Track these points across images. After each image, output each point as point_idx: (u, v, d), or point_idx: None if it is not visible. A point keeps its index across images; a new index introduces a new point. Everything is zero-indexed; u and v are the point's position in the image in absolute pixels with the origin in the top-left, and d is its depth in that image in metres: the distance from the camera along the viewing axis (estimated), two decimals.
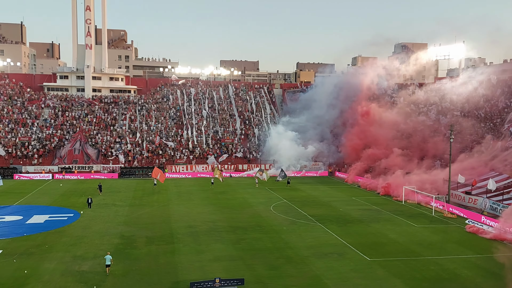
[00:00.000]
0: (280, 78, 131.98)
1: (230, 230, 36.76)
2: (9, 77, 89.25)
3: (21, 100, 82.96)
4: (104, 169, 70.04)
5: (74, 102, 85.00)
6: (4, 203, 47.15)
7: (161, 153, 74.77)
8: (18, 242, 32.63)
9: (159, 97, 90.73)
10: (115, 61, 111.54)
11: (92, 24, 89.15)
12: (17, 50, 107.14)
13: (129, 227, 37.44)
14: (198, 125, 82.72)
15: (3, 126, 75.61)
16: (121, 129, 79.51)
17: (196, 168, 72.04)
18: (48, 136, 74.90)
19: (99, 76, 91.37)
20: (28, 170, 67.54)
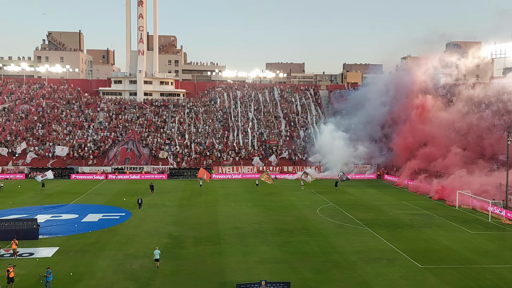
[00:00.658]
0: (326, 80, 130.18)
1: (275, 232, 36.27)
2: (68, 82, 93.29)
3: (78, 104, 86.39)
4: (154, 170, 71.52)
5: (127, 105, 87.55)
6: (61, 202, 49.03)
7: (208, 154, 75.47)
8: (74, 239, 33.66)
9: (206, 100, 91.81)
10: (165, 66, 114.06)
11: (144, 31, 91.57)
12: (75, 57, 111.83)
13: (178, 227, 37.79)
14: (244, 127, 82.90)
15: (61, 128, 79.01)
16: (170, 131, 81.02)
17: (242, 169, 72.12)
18: (102, 138, 77.49)
19: (150, 81, 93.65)
20: (84, 171, 70.07)
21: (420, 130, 67.23)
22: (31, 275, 25.92)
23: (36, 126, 78.99)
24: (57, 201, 49.01)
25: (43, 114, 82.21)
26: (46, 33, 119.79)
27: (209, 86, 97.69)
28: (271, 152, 76.97)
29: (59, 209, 44.93)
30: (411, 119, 70.68)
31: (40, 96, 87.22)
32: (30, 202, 48.44)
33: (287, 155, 76.31)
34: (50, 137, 76.17)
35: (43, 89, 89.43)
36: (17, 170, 68.69)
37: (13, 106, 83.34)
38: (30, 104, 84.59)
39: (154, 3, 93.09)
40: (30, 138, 75.83)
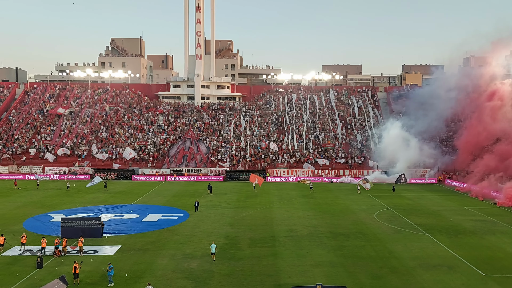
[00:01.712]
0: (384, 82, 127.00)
1: (331, 236, 36.04)
2: (129, 87, 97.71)
3: (139, 108, 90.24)
4: (211, 172, 73.19)
5: (185, 109, 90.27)
6: (123, 202, 51.49)
7: (263, 157, 76.13)
8: (136, 238, 35.30)
9: (262, 104, 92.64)
10: (222, 70, 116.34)
11: (201, 36, 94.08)
12: (136, 63, 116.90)
13: (234, 228, 38.54)
14: (299, 130, 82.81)
15: (123, 131, 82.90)
16: (226, 134, 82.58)
17: (296, 172, 72.09)
18: (161, 141, 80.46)
19: (207, 85, 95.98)
20: (144, 172, 73.06)
21: (489, 124, 61.53)
22: (96, 271, 27.51)
23: (100, 129, 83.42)
24: (120, 201, 51.53)
25: (107, 118, 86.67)
26: (109, 40, 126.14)
27: (264, 90, 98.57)
28: (327, 156, 76.33)
29: (121, 209, 47.21)
30: (482, 108, 65.25)
31: (103, 100, 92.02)
32: (95, 202, 51.27)
33: (343, 159, 75.34)
34: (113, 140, 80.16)
35: (106, 93, 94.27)
36: (82, 171, 72.91)
37: (79, 110, 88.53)
38: (95, 108, 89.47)
39: (212, 8, 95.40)
40: (94, 140, 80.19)
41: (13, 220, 40.88)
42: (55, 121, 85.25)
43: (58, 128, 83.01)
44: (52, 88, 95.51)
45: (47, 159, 74.78)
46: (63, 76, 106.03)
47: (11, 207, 47.11)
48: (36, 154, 76.60)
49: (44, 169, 72.63)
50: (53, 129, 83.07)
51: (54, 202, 50.69)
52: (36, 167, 73.46)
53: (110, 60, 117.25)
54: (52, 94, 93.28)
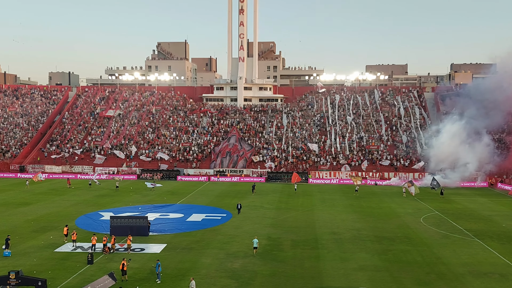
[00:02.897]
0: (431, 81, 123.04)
1: (375, 240, 35.32)
2: (175, 89, 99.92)
3: (184, 110, 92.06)
4: (253, 173, 73.57)
5: (228, 111, 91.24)
6: (169, 202, 52.70)
7: (305, 158, 75.69)
8: (180, 237, 36.03)
9: (304, 105, 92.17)
10: (264, 71, 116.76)
11: (244, 39, 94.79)
12: (181, 66, 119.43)
13: (276, 229, 38.54)
14: (342, 132, 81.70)
15: (169, 133, 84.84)
16: (268, 135, 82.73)
17: (339, 174, 71.18)
18: (205, 142, 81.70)
19: (249, 87, 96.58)
20: (189, 173, 74.43)
21: None
22: (143, 268, 28.31)
23: (147, 130, 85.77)
24: (165, 201, 52.77)
25: (153, 120, 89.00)
26: (156, 44, 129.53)
27: (306, 91, 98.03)
28: (371, 158, 74.90)
29: (167, 208, 48.33)
30: None
31: (150, 102, 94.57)
32: (142, 201, 52.75)
33: (388, 161, 73.68)
34: (159, 141, 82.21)
35: (153, 96, 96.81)
36: (130, 171, 75.20)
37: (127, 112, 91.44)
38: (142, 110, 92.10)
39: (255, 10, 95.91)
40: (141, 142, 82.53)
41: (67, 218, 42.76)
42: (105, 122, 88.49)
43: (108, 130, 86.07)
44: (102, 91, 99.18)
45: (97, 159, 77.68)
46: (112, 80, 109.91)
47: (65, 205, 49.31)
48: (87, 155, 79.79)
49: (94, 169, 75.47)
50: (103, 130, 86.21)
51: (104, 201, 52.59)
52: (87, 167, 76.50)
53: (156, 64, 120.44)
54: (102, 97, 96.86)
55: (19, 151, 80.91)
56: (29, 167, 76.54)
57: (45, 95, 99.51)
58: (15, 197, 54.22)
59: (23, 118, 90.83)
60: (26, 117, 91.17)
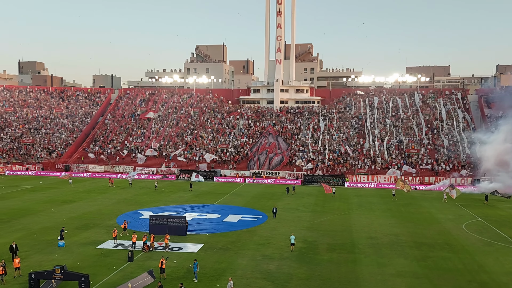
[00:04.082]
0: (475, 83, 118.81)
1: (414, 245, 34.47)
2: (212, 92, 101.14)
3: (221, 112, 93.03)
4: (289, 175, 73.40)
5: (264, 113, 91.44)
6: (206, 202, 53.38)
7: (342, 162, 74.81)
8: (217, 237, 36.43)
9: (341, 107, 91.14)
10: (301, 73, 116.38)
11: (282, 41, 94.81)
12: (219, 68, 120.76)
13: (312, 232, 38.31)
14: (381, 135, 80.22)
15: (207, 134, 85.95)
16: (304, 138, 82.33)
17: (377, 178, 69.92)
18: (242, 144, 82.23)
19: (286, 89, 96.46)
20: (226, 174, 75.13)
21: None
22: (181, 267, 28.81)
23: (185, 132, 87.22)
24: (203, 201, 53.52)
25: (191, 122, 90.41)
26: (194, 47, 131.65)
27: (344, 93, 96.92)
28: (411, 162, 73.14)
29: (204, 208, 48.98)
30: None
31: (188, 105, 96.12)
32: (180, 201, 53.70)
33: (429, 165, 71.71)
34: (197, 143, 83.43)
35: (191, 98, 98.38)
36: (169, 171, 76.67)
37: (166, 114, 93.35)
38: (180, 112, 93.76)
39: (292, 12, 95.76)
40: (180, 143, 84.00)
41: (108, 216, 44.11)
42: (145, 124, 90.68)
43: (148, 131, 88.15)
44: (143, 93, 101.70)
45: (138, 159, 79.71)
46: (152, 82, 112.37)
47: (107, 203, 50.88)
48: (128, 155, 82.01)
49: (135, 169, 77.45)
50: (143, 131, 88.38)
51: (144, 200, 53.91)
52: (128, 167, 78.59)
53: (195, 66, 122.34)
54: (143, 99, 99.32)
55: (65, 151, 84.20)
56: (74, 166, 79.48)
57: (89, 97, 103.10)
58: (60, 195, 56.44)
59: (69, 119, 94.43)
60: (71, 118, 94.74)
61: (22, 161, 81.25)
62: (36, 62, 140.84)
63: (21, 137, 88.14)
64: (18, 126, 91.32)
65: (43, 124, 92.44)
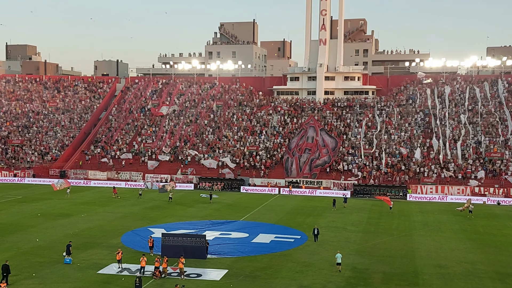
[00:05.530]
0: None
1: (496, 277, 33.82)
2: (240, 81, 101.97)
3: (250, 106, 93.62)
4: (335, 186, 73.11)
5: (304, 106, 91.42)
6: (231, 217, 53.82)
7: (403, 169, 73.94)
8: (244, 262, 36.75)
9: (403, 99, 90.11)
10: (351, 57, 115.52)
11: (327, 16, 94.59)
12: (248, 51, 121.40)
13: (363, 258, 38.11)
14: (453, 134, 78.82)
15: (232, 134, 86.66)
16: (355, 138, 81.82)
17: (449, 190, 68.77)
18: (275, 146, 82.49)
19: (332, 76, 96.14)
20: (255, 183, 75.57)
21: None
22: None
23: (206, 131, 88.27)
24: (226, 217, 54.02)
25: (213, 118, 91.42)
26: (218, 26, 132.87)
27: (406, 81, 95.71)
28: (493, 169, 71.44)
29: (228, 225, 49.43)
30: None
31: (210, 97, 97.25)
32: (198, 216, 54.40)
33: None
34: (221, 144, 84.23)
35: (213, 89, 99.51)
36: (186, 179, 77.77)
37: (183, 108, 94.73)
38: (201, 106, 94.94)
39: None
40: (199, 144, 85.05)
41: (112, 233, 45.17)
42: (157, 121, 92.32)
43: (161, 130, 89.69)
44: (155, 83, 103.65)
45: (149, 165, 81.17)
46: (166, 69, 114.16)
47: (110, 218, 52.12)
48: (136, 159, 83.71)
49: (144, 176, 78.99)
50: (155, 130, 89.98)
51: (155, 214, 54.90)
52: (136, 173, 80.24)
53: (218, 49, 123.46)
54: (155, 90, 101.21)
55: (60, 154, 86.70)
56: (71, 173, 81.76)
57: (89, 87, 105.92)
58: (54, 207, 58.22)
59: (65, 114, 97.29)
60: (68, 113, 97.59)
61: (9, 166, 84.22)
62: (27, 46, 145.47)
63: (8, 136, 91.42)
64: (4, 123, 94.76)
65: (34, 121, 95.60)
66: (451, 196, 67.74)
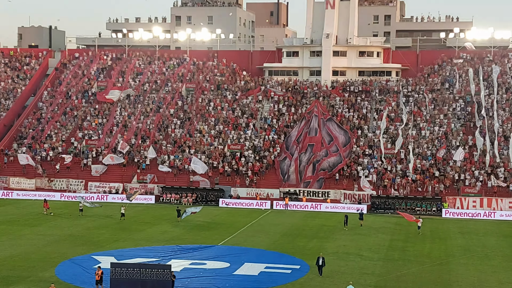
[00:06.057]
0: None
1: None
2: (218, 56, 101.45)
3: (233, 90, 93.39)
4: (346, 198, 73.17)
5: (306, 91, 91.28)
6: (206, 241, 53.50)
7: (438, 175, 74.20)
8: None
9: (437, 82, 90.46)
10: (369, 25, 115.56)
11: None
12: (230, 16, 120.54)
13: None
14: (504, 129, 79.35)
15: (208, 127, 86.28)
16: (373, 134, 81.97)
17: (498, 203, 69.18)
18: (266, 144, 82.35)
19: (343, 51, 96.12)
20: (239, 194, 75.42)
21: None
22: None
23: (172, 123, 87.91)
24: (200, 240, 53.67)
25: (182, 106, 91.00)
26: None
27: (442, 57, 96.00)
28: None
29: (202, 252, 49.05)
30: None
31: (178, 77, 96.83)
32: (162, 240, 53.97)
33: None
34: (192, 141, 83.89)
35: (182, 66, 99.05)
36: (144, 189, 77.27)
37: (140, 92, 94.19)
38: (165, 90, 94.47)
39: None
40: (163, 142, 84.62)
41: (42, 263, 44.53)
42: (105, 109, 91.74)
43: (110, 122, 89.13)
44: (102, 58, 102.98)
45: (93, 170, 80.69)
46: (117, 40, 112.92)
47: (41, 244, 51.45)
48: (76, 162, 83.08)
49: (86, 185, 78.39)
50: (102, 122, 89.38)
51: (102, 237, 54.44)
52: (76, 181, 79.60)
53: (189, 13, 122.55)
54: (102, 68, 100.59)
55: None
56: None
57: (11, 64, 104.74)
58: None
59: None
60: None
61: None
62: None
63: None
64: None
65: None
66: (500, 212, 68.25)
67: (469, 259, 48.15)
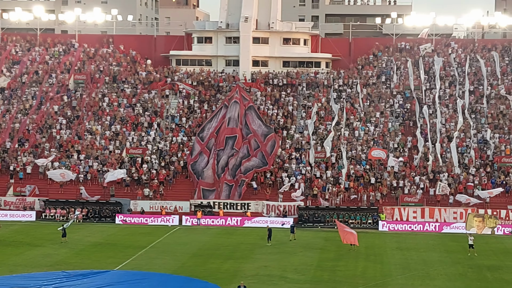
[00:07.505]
0: None
1: None
2: (115, 41, 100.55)
3: (132, 82, 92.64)
4: (269, 210, 73.49)
5: (221, 84, 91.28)
6: (99, 266, 52.80)
7: (373, 182, 75.38)
8: None
9: (372, 74, 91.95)
10: (294, 8, 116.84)
11: None
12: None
13: None
14: (447, 128, 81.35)
15: (102, 128, 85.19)
16: (300, 134, 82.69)
17: (440, 213, 70.86)
18: (173, 148, 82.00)
19: (264, 37, 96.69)
20: (143, 208, 74.80)
21: None
22: None
23: (57, 122, 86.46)
24: (91, 264, 52.92)
25: (70, 101, 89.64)
26: None
27: (378, 47, 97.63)
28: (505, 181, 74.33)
29: (94, 279, 48.19)
30: None
31: (64, 67, 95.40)
32: (44, 264, 52.86)
33: None
34: (82, 144, 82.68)
35: (70, 54, 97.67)
36: (23, 203, 75.57)
37: (18, 85, 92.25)
38: (48, 82, 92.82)
39: None
40: (46, 144, 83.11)
41: None
42: None
43: None
44: None
45: None
46: None
47: None
48: None
49: None
50: None
51: None
52: None
53: None
54: None
55: None
56: None
57: None
58: None
59: None
60: None
61: None
62: None
63: None
64: None
65: None
66: (444, 224, 69.84)
67: (408, 279, 48.89)
